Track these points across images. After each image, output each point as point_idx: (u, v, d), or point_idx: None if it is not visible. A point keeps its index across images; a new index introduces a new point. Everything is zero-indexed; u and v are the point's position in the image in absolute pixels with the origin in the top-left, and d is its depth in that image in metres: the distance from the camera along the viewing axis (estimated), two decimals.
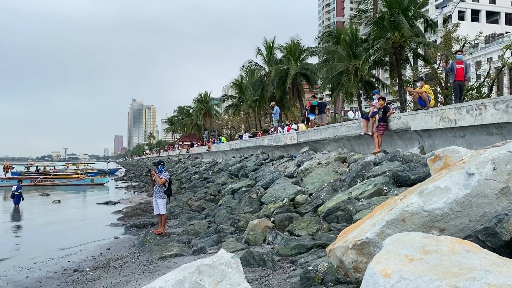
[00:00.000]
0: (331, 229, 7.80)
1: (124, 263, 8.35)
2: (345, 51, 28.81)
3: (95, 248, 10.61)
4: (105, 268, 8.14)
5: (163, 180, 10.94)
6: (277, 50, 38.18)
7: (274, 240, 7.91)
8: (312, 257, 6.20)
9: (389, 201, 4.65)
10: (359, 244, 3.69)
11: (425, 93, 12.20)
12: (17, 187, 20.67)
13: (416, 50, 26.40)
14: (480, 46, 57.15)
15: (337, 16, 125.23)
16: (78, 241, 11.60)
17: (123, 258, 8.84)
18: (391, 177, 9.06)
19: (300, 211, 9.87)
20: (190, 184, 23.64)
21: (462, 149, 5.27)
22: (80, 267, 8.51)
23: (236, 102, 49.49)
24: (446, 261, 2.51)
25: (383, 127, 12.52)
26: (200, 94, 66.76)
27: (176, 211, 14.75)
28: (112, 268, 8.04)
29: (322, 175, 12.31)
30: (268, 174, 15.53)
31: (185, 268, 3.38)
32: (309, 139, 17.82)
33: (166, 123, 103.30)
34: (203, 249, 8.25)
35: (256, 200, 12.38)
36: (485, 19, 73.59)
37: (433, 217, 3.64)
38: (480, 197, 3.68)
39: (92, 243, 11.25)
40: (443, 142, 10.29)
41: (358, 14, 26.93)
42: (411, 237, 2.95)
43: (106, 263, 8.65)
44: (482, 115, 9.00)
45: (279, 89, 35.74)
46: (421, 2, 25.61)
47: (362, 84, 29.49)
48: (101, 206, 20.49)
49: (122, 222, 14.40)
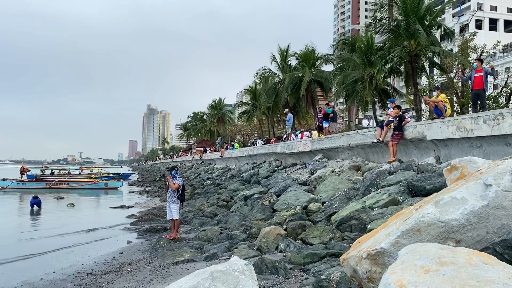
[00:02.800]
0: (345, 238, 7.74)
1: (137, 267, 8.40)
2: (360, 59, 28.73)
3: (108, 251, 10.68)
4: (118, 272, 8.19)
5: (176, 186, 11.00)
6: (292, 57, 38.29)
7: (287, 248, 7.87)
8: (325, 266, 6.15)
9: (404, 211, 4.60)
10: (374, 254, 3.65)
11: (441, 102, 12.07)
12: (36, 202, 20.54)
13: (432, 58, 26.20)
14: (498, 56, 56.41)
15: (353, 24, 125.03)
16: (92, 245, 11.72)
17: (136, 263, 8.88)
18: (406, 186, 8.96)
19: (313, 219, 9.82)
20: (203, 190, 23.71)
21: (479, 159, 5.20)
22: (93, 271, 8.57)
23: (250, 109, 49.64)
24: (463, 273, 2.48)
25: (398, 136, 12.42)
26: (214, 100, 67.33)
27: (189, 216, 14.79)
28: (125, 272, 8.08)
29: (335, 183, 12.24)
30: (281, 181, 15.50)
31: (198, 274, 3.38)
32: (322, 147, 17.75)
33: (180, 128, 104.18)
34: (215, 255, 8.25)
35: (269, 207, 12.35)
36: (503, 28, 72.68)
37: (449, 228, 3.59)
38: (497, 209, 3.62)
39: (106, 247, 11.34)
40: (459, 152, 10.16)
41: (373, 22, 26.86)
42: (427, 248, 2.91)
43: (119, 267, 8.70)
44: (500, 125, 8.88)
45: (293, 96, 35.76)
46: (437, 10, 25.47)
47: (377, 92, 29.33)
48: (114, 210, 20.66)
49: (135, 227, 14.49)
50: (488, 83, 12.26)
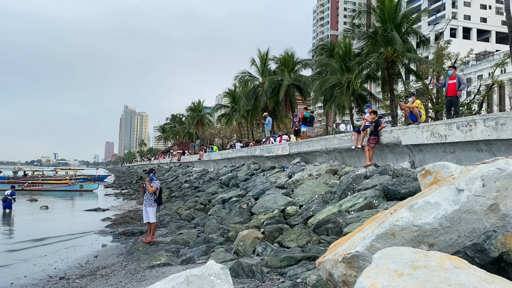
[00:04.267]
0: (321, 242, 7.80)
1: (112, 271, 8.26)
2: (338, 65, 29.06)
3: (82, 255, 10.48)
4: (92, 276, 8.03)
5: (154, 189, 10.88)
6: (271, 61, 38.43)
7: (264, 252, 7.88)
8: (301, 269, 6.18)
9: (379, 214, 4.66)
10: (349, 257, 3.69)
11: (417, 108, 12.31)
12: (11, 192, 20.48)
13: (408, 65, 26.71)
14: (471, 63, 57.94)
15: (331, 29, 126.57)
16: (65, 248, 11.47)
17: (110, 266, 8.74)
18: (382, 190, 9.09)
19: (290, 223, 9.86)
20: (180, 193, 23.52)
21: (452, 165, 5.32)
22: (66, 275, 8.39)
23: (229, 112, 49.56)
24: (435, 277, 2.52)
25: (374, 141, 12.60)
26: (193, 102, 66.88)
27: (166, 219, 14.65)
28: (99, 276, 7.94)
29: (313, 186, 12.33)
30: (259, 185, 15.52)
31: (173, 278, 3.35)
32: (300, 151, 17.87)
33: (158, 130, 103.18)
34: (191, 259, 8.19)
35: (247, 210, 12.34)
36: (476, 37, 74.79)
37: (422, 232, 3.66)
38: (469, 213, 3.70)
39: (79, 250, 11.12)
40: (433, 157, 10.37)
41: (351, 28, 27.23)
42: (401, 252, 2.96)
43: (93, 271, 8.54)
44: (472, 131, 9.11)
45: (272, 100, 35.88)
46: (414, 18, 26.00)
47: (354, 97, 29.71)
48: (89, 213, 20.28)
49: (111, 230, 14.26)
50: (459, 92, 12.54)
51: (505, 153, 8.23)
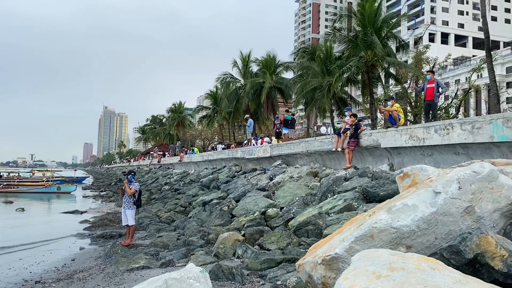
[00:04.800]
0: (301, 244, 7.82)
1: (89, 274, 8.11)
2: (319, 68, 29.29)
3: (58, 258, 10.27)
4: (69, 280, 7.88)
5: (133, 191, 10.75)
6: (253, 63, 38.50)
7: (244, 254, 7.86)
8: (281, 271, 6.19)
9: (358, 217, 4.70)
10: (328, 259, 3.71)
11: (395, 111, 12.49)
12: None
13: (388, 69, 27.11)
14: (448, 68, 59.16)
15: (313, 32, 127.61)
16: (41, 251, 11.22)
17: (88, 270, 8.59)
18: (361, 192, 9.18)
19: (271, 225, 9.86)
20: (160, 195, 23.28)
21: (430, 167, 5.41)
22: (42, 279, 8.21)
23: (211, 113, 49.39)
24: (412, 279, 2.56)
25: (354, 144, 12.73)
26: (174, 103, 66.47)
27: (145, 222, 14.48)
28: (76, 280, 7.79)
29: (294, 189, 12.37)
30: (240, 187, 15.50)
31: (152, 281, 3.31)
32: (282, 153, 17.92)
33: (138, 132, 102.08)
34: (171, 262, 8.11)
35: (227, 212, 12.30)
36: (454, 42, 76.45)
37: (400, 234, 3.71)
38: (445, 216, 3.77)
39: (56, 254, 10.89)
40: (412, 160, 10.54)
41: (332, 31, 27.50)
42: (379, 253, 2.99)
43: (70, 274, 8.37)
44: (449, 135, 9.29)
45: (253, 102, 35.93)
46: (393, 23, 26.41)
47: (335, 100, 29.98)
48: (67, 215, 19.90)
49: (89, 232, 14.03)
50: (439, 94, 12.77)
51: (481, 156, 8.42)
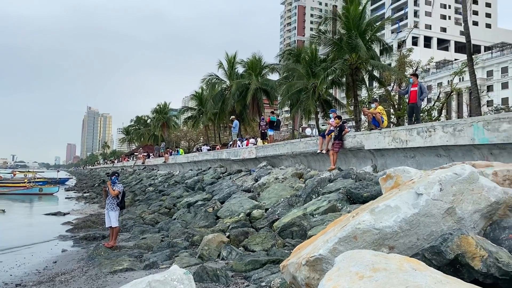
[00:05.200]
0: (286, 245, 7.84)
1: (72, 277, 8.00)
2: (304, 70, 29.46)
3: (40, 261, 10.10)
4: (51, 283, 7.76)
5: (116, 192, 10.65)
6: (239, 64, 38.55)
7: (229, 256, 7.85)
8: (265, 273, 6.19)
9: (342, 218, 4.74)
10: (312, 260, 3.73)
11: (379, 114, 12.63)
12: None
13: (372, 72, 27.42)
14: (431, 71, 60.08)
15: (298, 35, 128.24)
16: (22, 254, 11.02)
17: (70, 272, 8.47)
18: (345, 194, 9.25)
19: (256, 226, 9.87)
20: (144, 197, 23.09)
21: (412, 169, 5.48)
22: (23, 282, 8.07)
23: (196, 114, 49.24)
24: (394, 279, 2.59)
25: (339, 145, 12.83)
26: (159, 104, 66.09)
27: (129, 224, 14.35)
28: (58, 283, 7.67)
29: (279, 190, 12.40)
30: (225, 188, 15.47)
31: (135, 283, 3.28)
32: (267, 154, 17.95)
33: (122, 132, 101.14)
34: (155, 263, 8.05)
35: (212, 214, 12.27)
36: (436, 46, 77.62)
37: (383, 235, 3.75)
38: (427, 217, 3.83)
39: (38, 256, 10.71)
40: (395, 162, 10.66)
41: (318, 34, 27.72)
42: (362, 254, 3.02)
43: (51, 277, 8.25)
44: (432, 137, 9.43)
45: (239, 103, 35.95)
46: (377, 26, 26.73)
47: (320, 102, 30.19)
48: (49, 217, 19.59)
49: (71, 234, 13.84)
50: (422, 99, 12.95)
51: (462, 158, 8.56)
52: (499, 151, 8.00)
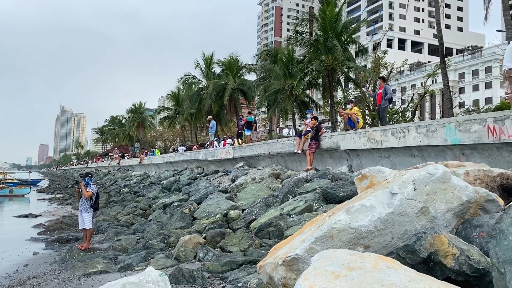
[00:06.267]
0: (263, 245, 7.84)
1: (43, 280, 7.80)
2: (281, 70, 29.58)
3: (10, 264, 9.80)
4: (22, 287, 7.55)
5: (90, 193, 10.45)
6: (216, 64, 38.40)
7: (205, 257, 7.80)
8: (242, 273, 6.18)
9: (318, 217, 4.77)
10: (289, 260, 3.73)
11: (354, 114, 12.80)
12: None
13: (348, 73, 27.75)
14: (405, 73, 61.25)
15: (275, 36, 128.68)
16: None
17: (42, 276, 8.25)
18: (321, 194, 9.32)
19: (233, 227, 9.84)
20: (119, 198, 22.74)
21: (387, 169, 5.56)
22: None
23: (172, 114, 48.81)
24: (369, 278, 2.62)
25: (315, 146, 12.93)
26: (134, 104, 65.25)
27: (103, 225, 14.10)
28: (29, 286, 7.47)
29: (256, 190, 12.41)
30: (202, 189, 15.38)
31: (109, 286, 3.22)
32: (244, 155, 17.94)
33: (96, 132, 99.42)
34: (130, 265, 7.93)
35: (189, 215, 12.17)
36: (410, 48, 79.21)
37: (358, 234, 3.78)
38: (402, 216, 3.88)
39: (7, 259, 10.39)
40: (370, 162, 10.81)
41: (294, 35, 27.87)
42: (338, 254, 3.04)
43: (22, 281, 8.02)
44: (406, 137, 9.60)
45: (216, 104, 35.82)
46: (353, 28, 27.08)
47: (296, 103, 30.37)
48: (19, 219, 19.05)
49: (43, 237, 13.48)
50: (386, 100, 13.09)
51: (435, 158, 8.75)
52: (470, 151, 8.20)
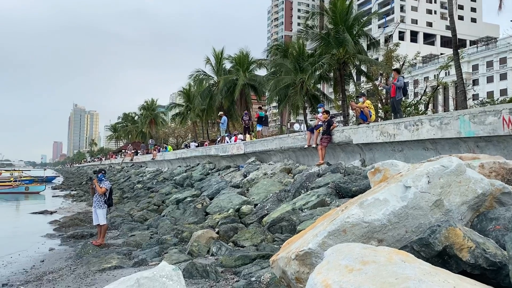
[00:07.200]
0: (275, 240, 7.85)
1: (59, 276, 7.92)
2: (292, 65, 29.44)
3: (27, 260, 9.97)
4: (38, 282, 7.66)
5: (103, 189, 10.55)
6: (226, 60, 38.37)
7: (218, 251, 7.83)
8: (255, 268, 6.20)
9: (331, 212, 4.75)
10: (302, 254, 3.73)
11: (367, 108, 12.69)
12: None
13: (359, 66, 27.51)
14: (418, 66, 60.53)
15: (286, 30, 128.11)
16: (9, 253, 10.86)
17: (58, 271, 8.38)
18: (334, 188, 9.29)
19: (245, 222, 9.87)
20: (132, 194, 22.94)
21: (400, 163, 5.51)
22: (9, 281, 7.95)
23: (184, 111, 48.98)
24: (383, 271, 2.60)
25: (327, 140, 12.86)
26: (146, 101, 65.63)
27: (117, 221, 14.24)
28: (45, 282, 7.58)
29: (267, 185, 12.41)
30: (214, 184, 15.43)
31: (123, 281, 3.25)
32: (255, 150, 17.94)
33: (109, 130, 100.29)
34: (144, 261, 8.00)
35: (201, 210, 12.23)
36: (422, 40, 78.22)
37: (372, 228, 3.76)
38: (415, 209, 3.85)
39: (24, 255, 10.57)
40: (383, 156, 10.73)
41: (305, 29, 27.68)
42: (351, 247, 3.02)
43: (39, 276, 8.15)
44: (419, 130, 9.50)
45: (227, 99, 35.82)
46: (364, 21, 26.80)
47: (307, 97, 30.22)
48: (35, 215, 19.36)
49: (59, 233, 13.68)
50: (396, 84, 12.86)
51: (449, 151, 8.65)
52: (485, 143, 8.09)
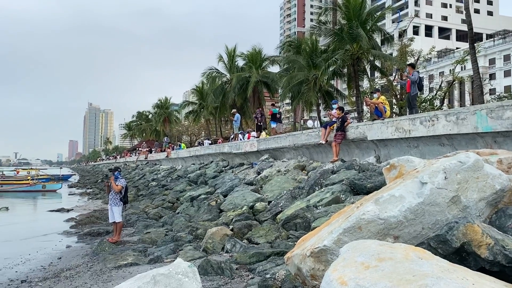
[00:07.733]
0: (290, 237, 7.83)
1: (76, 273, 8.03)
2: (305, 61, 29.30)
3: (45, 257, 10.13)
4: (56, 279, 7.78)
5: (119, 187, 10.66)
6: (239, 57, 38.37)
7: (233, 248, 7.85)
8: (270, 265, 6.19)
9: (346, 209, 4.72)
10: (317, 251, 3.71)
11: (381, 104, 12.57)
12: None
13: (373, 62, 27.25)
14: (433, 60, 59.73)
15: (298, 26, 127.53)
16: (27, 250, 11.06)
17: (75, 268, 8.50)
18: (348, 185, 9.23)
19: (259, 219, 9.87)
20: (147, 191, 23.15)
21: (416, 159, 5.44)
22: (28, 278, 8.09)
23: (197, 109, 49.20)
24: (400, 268, 2.57)
25: (341, 136, 12.78)
26: (160, 99, 66.20)
27: (133, 218, 14.38)
28: (63, 279, 7.70)
29: (281, 182, 12.39)
30: (228, 182, 15.47)
31: (140, 278, 3.27)
32: (269, 147, 17.92)
33: (124, 128, 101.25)
34: (159, 257, 8.07)
35: (215, 207, 12.28)
36: (437, 35, 77.12)
37: (388, 225, 3.72)
38: (432, 206, 3.80)
39: (42, 252, 10.75)
40: (398, 152, 10.62)
41: (318, 25, 27.52)
42: (367, 244, 3.00)
43: (56, 273, 8.27)
44: (435, 126, 9.38)
45: (240, 97, 35.84)
46: (378, 16, 26.54)
47: (321, 93, 30.06)
48: (52, 213, 19.66)
49: (75, 230, 13.87)
50: (413, 82, 12.69)
51: (465, 147, 8.52)
52: (503, 138, 7.94)
